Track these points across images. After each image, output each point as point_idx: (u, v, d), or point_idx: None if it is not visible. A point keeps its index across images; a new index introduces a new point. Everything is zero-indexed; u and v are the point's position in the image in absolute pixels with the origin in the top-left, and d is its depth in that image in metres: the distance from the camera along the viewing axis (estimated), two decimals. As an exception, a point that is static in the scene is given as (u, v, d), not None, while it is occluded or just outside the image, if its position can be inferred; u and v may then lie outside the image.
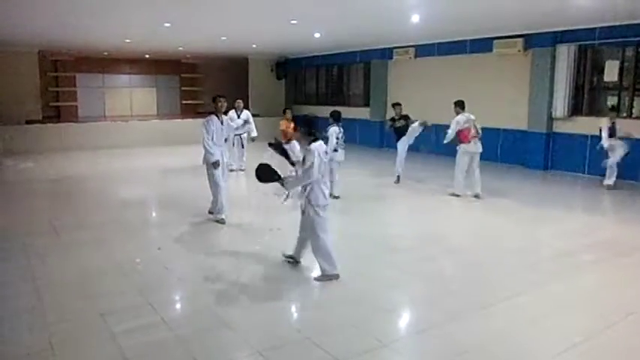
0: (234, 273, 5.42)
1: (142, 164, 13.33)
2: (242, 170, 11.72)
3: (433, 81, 14.84)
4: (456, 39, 13.83)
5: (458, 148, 9.14)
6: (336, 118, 8.74)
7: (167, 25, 11.52)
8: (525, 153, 12.53)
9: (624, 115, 11.09)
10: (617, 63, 11.29)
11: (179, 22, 11.34)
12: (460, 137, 9.04)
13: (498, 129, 12.90)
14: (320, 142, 5.06)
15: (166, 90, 22.21)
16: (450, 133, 9.12)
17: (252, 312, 4.49)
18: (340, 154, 8.76)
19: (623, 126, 9.95)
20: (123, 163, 13.39)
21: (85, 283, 5.07)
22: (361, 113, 17.27)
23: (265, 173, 5.15)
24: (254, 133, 11.33)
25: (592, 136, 10.89)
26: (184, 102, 22.17)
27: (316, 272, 5.25)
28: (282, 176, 5.11)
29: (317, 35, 13.85)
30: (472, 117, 9.09)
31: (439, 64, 14.73)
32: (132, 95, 21.58)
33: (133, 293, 4.82)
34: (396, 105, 10.62)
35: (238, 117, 11.30)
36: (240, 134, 11.45)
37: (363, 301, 4.69)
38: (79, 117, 19.36)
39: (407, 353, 3.92)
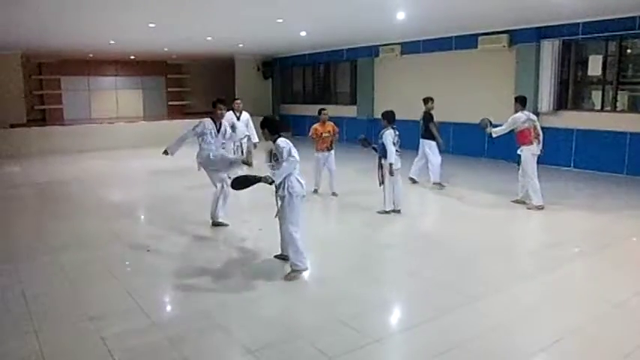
0: (224, 274, 5.42)
1: (129, 166, 13.26)
2: None
3: (419, 78, 14.88)
4: (441, 35, 13.88)
5: (520, 151, 8.30)
6: (390, 119, 7.60)
7: (152, 25, 11.46)
8: (512, 148, 12.59)
9: (608, 109, 11.24)
10: (600, 57, 11.41)
11: (164, 23, 11.28)
12: (520, 138, 8.25)
13: (485, 124, 12.97)
14: (283, 139, 5.32)
15: (152, 91, 22.09)
16: (502, 128, 8.34)
17: (244, 312, 4.49)
18: (397, 161, 7.55)
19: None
20: (110, 166, 13.30)
21: (72, 288, 5.03)
22: (348, 111, 17.30)
23: (241, 183, 5.27)
24: (255, 139, 9.92)
25: (577, 130, 11.02)
26: (170, 103, 22.07)
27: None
28: (261, 176, 5.14)
29: (303, 34, 13.85)
30: (532, 116, 8.35)
31: (425, 61, 14.78)
32: (117, 97, 21.44)
33: (122, 296, 4.80)
34: (428, 99, 9.81)
35: (238, 119, 10.16)
36: (239, 140, 10.16)
37: (354, 298, 4.72)
38: (64, 120, 19.23)
39: (398, 349, 3.94)
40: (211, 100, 7.45)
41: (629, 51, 11.44)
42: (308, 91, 20.17)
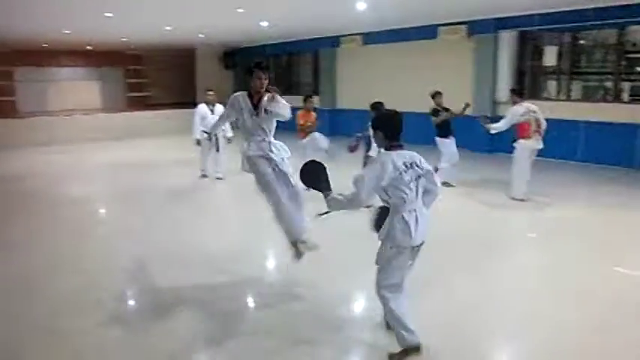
0: (186, 265, 5.36)
1: (87, 160, 12.91)
2: (219, 179, 9.76)
3: (381, 68, 14.98)
4: (402, 26, 13.97)
5: (515, 144, 7.91)
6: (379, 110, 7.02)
7: (108, 15, 11.17)
8: (471, 137, 12.82)
9: (563, 98, 11.54)
10: (555, 48, 11.71)
11: (120, 12, 11.01)
12: (519, 131, 7.79)
13: (445, 114, 13.16)
14: (399, 152, 3.40)
15: (111, 83, 21.62)
16: (501, 124, 7.85)
17: (206, 304, 4.44)
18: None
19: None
20: (67, 160, 12.92)
21: (31, 284, 4.90)
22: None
23: (312, 174, 3.65)
24: (229, 133, 9.69)
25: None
26: (130, 95, 21.64)
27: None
28: (329, 188, 3.55)
29: (264, 24, 13.73)
30: (533, 107, 7.81)
31: (386, 52, 14.87)
32: (75, 89, 20.89)
33: (84, 290, 4.70)
34: (436, 94, 9.07)
35: (212, 112, 9.55)
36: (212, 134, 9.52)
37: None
38: (18, 112, 18.61)
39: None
40: (174, 92, 7.22)
41: (582, 42, 11.78)
42: (270, 82, 19.95)
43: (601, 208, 7.63)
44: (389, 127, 3.46)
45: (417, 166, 3.35)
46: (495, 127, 7.91)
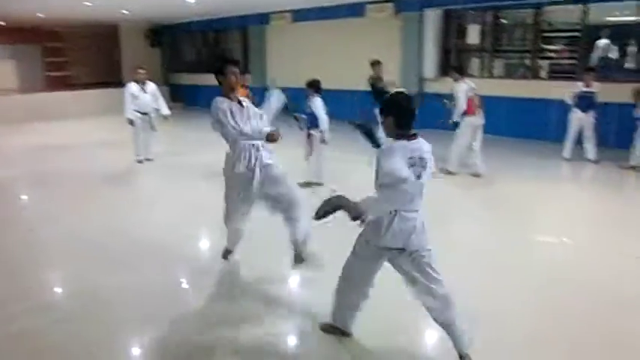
0: (112, 247, 5.23)
1: (4, 143, 12.21)
2: (148, 160, 9.44)
3: (311, 46, 14.97)
4: (331, 4, 13.98)
5: (460, 120, 8.02)
6: (317, 88, 7.34)
7: (20, -12, 10.52)
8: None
9: (486, 75, 12.00)
10: (478, 27, 12.12)
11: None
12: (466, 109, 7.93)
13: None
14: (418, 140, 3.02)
15: (27, 61, 20.34)
16: (460, 106, 7.93)
17: (134, 286, 4.37)
18: (327, 133, 7.32)
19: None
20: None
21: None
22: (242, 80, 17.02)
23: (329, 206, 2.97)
24: (166, 110, 9.38)
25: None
26: (49, 74, 20.51)
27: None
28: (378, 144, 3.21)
29: (190, 0, 13.36)
30: (472, 84, 8.07)
31: (316, 29, 14.86)
32: (-13, 67, 19.58)
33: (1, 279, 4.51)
34: (375, 63, 9.13)
35: (144, 91, 9.14)
36: (146, 113, 9.19)
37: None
38: None
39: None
40: (97, 71, 6.82)
41: (503, 21, 12.25)
42: (199, 60, 19.62)
43: (525, 180, 8.06)
44: (401, 112, 2.97)
45: (422, 164, 2.95)
46: (456, 114, 8.00)
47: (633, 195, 7.77)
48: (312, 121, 7.37)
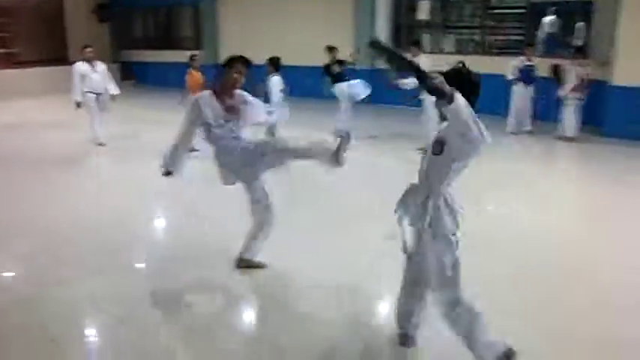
0: (69, 232, 5.18)
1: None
2: (102, 145, 8.89)
3: (264, 21, 14.83)
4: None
5: (422, 97, 7.89)
6: (276, 66, 7.27)
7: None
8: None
9: (436, 50, 12.20)
10: (427, 3, 12.30)
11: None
12: None
13: (328, 68, 13.43)
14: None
15: (-33, 37, 19.39)
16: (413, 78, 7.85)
17: (96, 270, 4.33)
18: (284, 113, 7.15)
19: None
20: None
21: None
22: (194, 57, 16.76)
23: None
24: (115, 90, 9.01)
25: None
26: (-9, 50, 19.59)
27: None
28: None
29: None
30: (430, 60, 8.02)
31: (269, 5, 14.71)
32: None
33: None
34: (331, 49, 9.08)
35: (94, 71, 8.73)
36: (100, 93, 8.79)
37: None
38: None
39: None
40: (42, 48, 6.43)
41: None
42: (149, 36, 19.11)
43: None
44: (469, 91, 2.54)
45: None
46: (407, 83, 7.92)
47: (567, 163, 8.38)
48: (267, 99, 7.30)
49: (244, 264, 4.19)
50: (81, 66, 8.66)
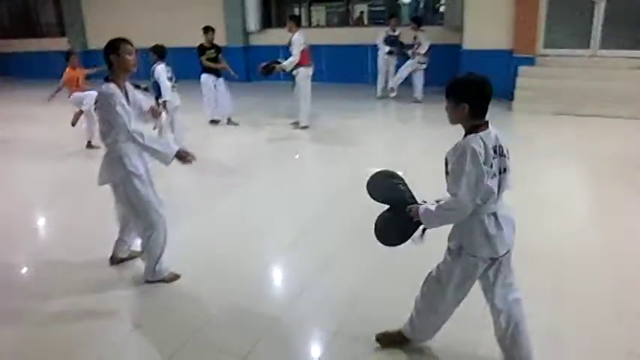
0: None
1: None
2: None
3: (133, 3, 14.36)
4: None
5: (295, 73, 8.15)
6: (160, 54, 7.10)
7: None
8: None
9: (305, 24, 12.54)
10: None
11: None
12: (300, 59, 7.98)
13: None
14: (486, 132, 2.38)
15: None
16: (295, 56, 7.94)
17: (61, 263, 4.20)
18: (175, 98, 7.08)
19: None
20: None
21: None
22: (58, 44, 15.80)
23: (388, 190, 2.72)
24: None
25: (282, 47, 12.14)
26: None
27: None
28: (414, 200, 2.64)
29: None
30: (305, 36, 8.13)
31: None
32: None
33: None
34: (208, 30, 8.98)
35: None
36: None
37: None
38: None
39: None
40: None
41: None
42: (4, 24, 17.67)
43: (350, 118, 9.14)
44: (480, 98, 2.34)
45: (503, 154, 2.39)
46: (290, 63, 8.00)
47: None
48: (157, 90, 7.02)
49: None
50: None
